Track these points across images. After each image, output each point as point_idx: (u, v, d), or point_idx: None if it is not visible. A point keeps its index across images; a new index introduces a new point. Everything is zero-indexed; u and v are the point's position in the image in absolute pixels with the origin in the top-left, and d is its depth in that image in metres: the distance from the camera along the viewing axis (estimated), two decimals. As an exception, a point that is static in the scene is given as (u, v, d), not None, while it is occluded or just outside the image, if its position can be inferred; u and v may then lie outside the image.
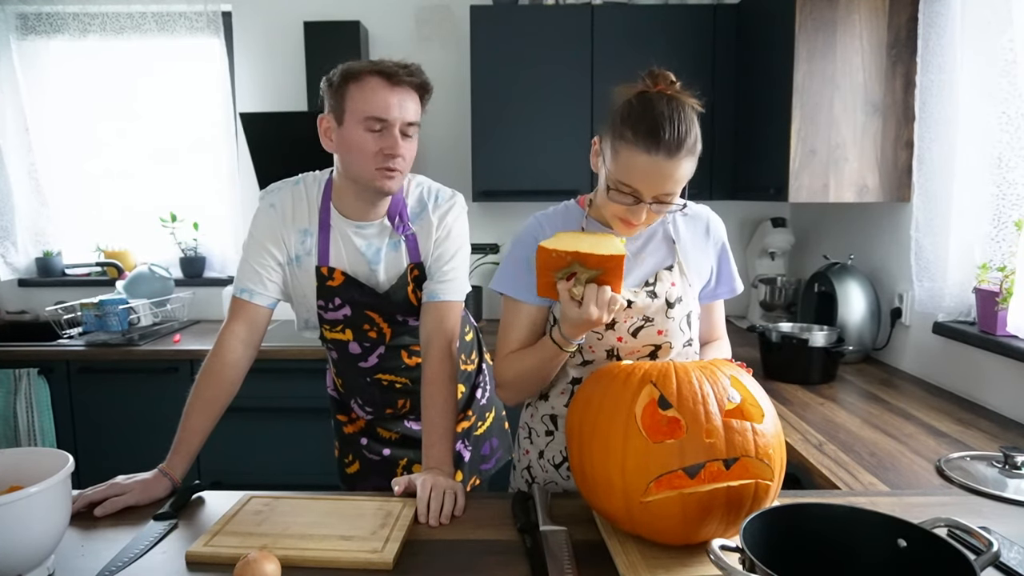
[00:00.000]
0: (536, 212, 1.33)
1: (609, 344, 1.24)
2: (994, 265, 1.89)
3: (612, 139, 1.13)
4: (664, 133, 1.07)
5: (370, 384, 1.56)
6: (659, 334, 1.24)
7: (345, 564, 0.99)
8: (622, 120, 1.11)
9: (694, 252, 1.30)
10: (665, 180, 1.10)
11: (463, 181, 2.98)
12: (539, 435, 1.39)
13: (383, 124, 1.29)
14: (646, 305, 1.23)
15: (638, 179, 1.10)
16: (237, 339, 1.41)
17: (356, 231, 1.42)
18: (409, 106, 1.31)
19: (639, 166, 1.09)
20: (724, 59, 2.81)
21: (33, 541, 0.92)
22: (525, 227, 1.30)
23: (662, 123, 1.07)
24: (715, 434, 0.95)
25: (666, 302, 1.24)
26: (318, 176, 1.46)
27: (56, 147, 3.30)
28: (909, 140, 2.22)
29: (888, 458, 1.50)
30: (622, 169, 1.11)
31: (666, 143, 1.07)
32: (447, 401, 1.36)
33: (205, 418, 1.34)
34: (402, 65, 1.31)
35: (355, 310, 1.46)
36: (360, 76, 1.29)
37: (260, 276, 1.42)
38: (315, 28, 2.95)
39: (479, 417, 1.69)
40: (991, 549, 0.82)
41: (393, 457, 1.63)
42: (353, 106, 1.29)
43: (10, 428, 2.69)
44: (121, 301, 2.83)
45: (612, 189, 1.14)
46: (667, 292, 1.24)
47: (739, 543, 0.79)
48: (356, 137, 1.30)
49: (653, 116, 1.08)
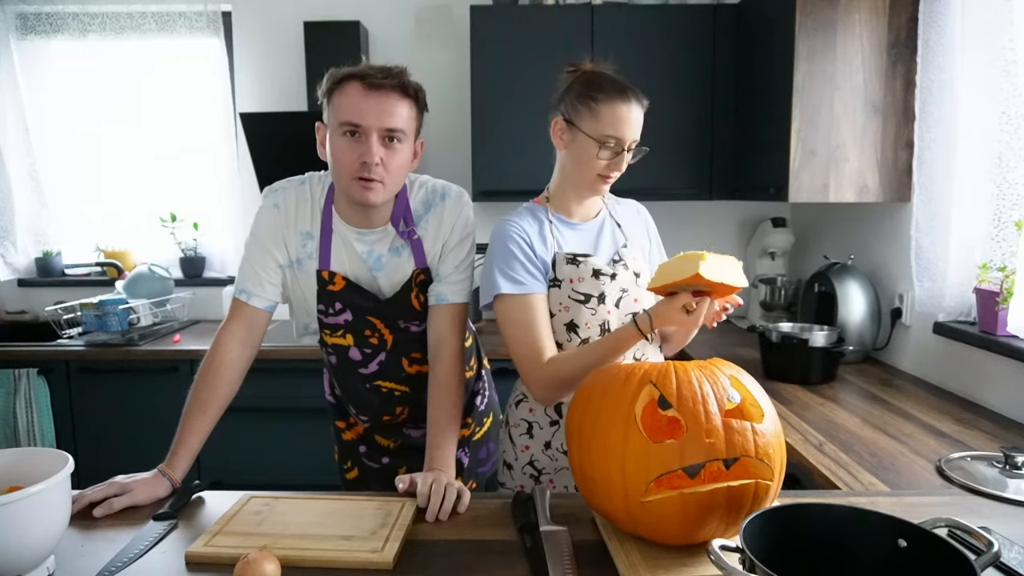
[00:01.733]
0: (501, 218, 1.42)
1: (601, 319, 1.38)
2: (994, 265, 1.89)
3: (583, 107, 1.32)
4: (628, 87, 1.32)
5: (369, 391, 1.52)
6: (635, 302, 1.41)
7: (345, 564, 0.99)
8: (588, 88, 1.32)
9: (637, 232, 1.50)
10: (637, 125, 1.33)
11: (463, 181, 2.94)
12: (542, 427, 1.43)
13: (358, 130, 1.24)
14: (624, 277, 1.40)
15: (622, 126, 1.30)
16: (235, 338, 1.40)
17: (358, 237, 1.39)
18: (390, 110, 1.25)
19: (621, 114, 1.30)
20: (724, 59, 2.81)
21: (33, 541, 0.91)
22: (500, 230, 1.38)
23: (622, 81, 1.32)
24: (715, 434, 0.95)
25: (634, 273, 1.42)
26: (324, 177, 1.43)
27: (56, 147, 3.30)
28: (909, 140, 2.22)
29: (888, 458, 1.50)
30: (605, 123, 1.30)
31: (633, 92, 1.31)
32: (456, 405, 1.36)
33: (203, 418, 1.33)
34: (381, 68, 1.26)
35: (356, 315, 1.43)
36: (340, 82, 1.26)
37: (259, 278, 1.41)
38: (315, 28, 2.95)
39: (477, 423, 1.67)
40: (991, 549, 0.82)
41: (392, 466, 1.61)
42: (334, 113, 1.27)
43: (10, 428, 2.69)
44: (121, 301, 2.83)
45: (600, 146, 1.31)
46: (632, 265, 1.43)
47: (739, 543, 0.79)
48: (334, 144, 1.27)
49: (612, 78, 1.33)
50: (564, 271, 1.37)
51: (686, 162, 2.86)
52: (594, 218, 1.46)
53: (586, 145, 1.32)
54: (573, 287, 1.36)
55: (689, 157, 2.86)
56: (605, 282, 1.37)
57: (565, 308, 1.37)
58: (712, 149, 2.88)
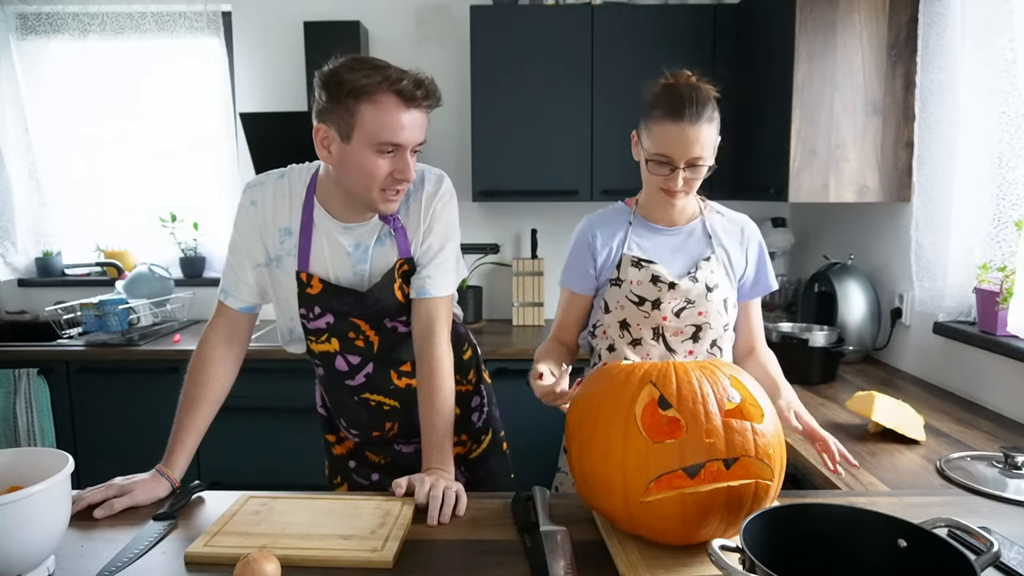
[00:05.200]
0: (588, 214, 1.53)
1: (655, 323, 1.42)
2: (994, 265, 1.89)
3: (645, 122, 1.37)
4: (685, 106, 1.31)
5: (357, 404, 1.48)
6: (700, 315, 1.42)
7: (345, 563, 0.99)
8: (652, 105, 1.35)
9: (730, 248, 1.48)
10: (691, 144, 1.31)
11: (463, 181, 2.97)
12: None
13: (396, 148, 1.21)
14: (688, 289, 1.41)
15: (670, 146, 1.32)
16: (219, 336, 1.39)
17: (344, 231, 1.35)
18: (423, 125, 1.24)
19: (669, 135, 1.31)
20: (724, 59, 2.80)
21: (33, 541, 0.91)
22: (578, 228, 1.51)
23: (683, 99, 1.31)
24: (715, 434, 0.95)
25: (706, 287, 1.42)
26: (304, 169, 1.38)
27: (56, 147, 3.30)
28: (909, 140, 2.22)
29: (888, 458, 1.50)
30: (656, 141, 1.33)
31: (688, 113, 1.30)
32: (446, 399, 1.33)
33: (195, 415, 1.33)
34: (418, 83, 1.20)
35: (337, 318, 1.39)
36: (374, 95, 1.18)
37: (237, 279, 1.39)
38: (315, 28, 2.95)
39: (474, 440, 1.62)
40: (991, 549, 0.82)
41: (382, 483, 1.56)
42: (365, 127, 1.19)
43: (10, 428, 2.69)
44: (121, 301, 2.83)
45: (650, 162, 1.35)
46: (706, 278, 1.42)
47: (739, 543, 0.79)
48: (365, 160, 1.21)
49: (676, 95, 1.32)
50: (628, 272, 1.43)
51: (686, 162, 2.86)
52: (684, 224, 1.47)
53: (643, 159, 1.39)
54: (632, 288, 1.42)
55: (689, 157, 2.86)
56: (663, 289, 1.40)
57: (621, 306, 1.44)
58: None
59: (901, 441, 1.59)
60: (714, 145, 1.36)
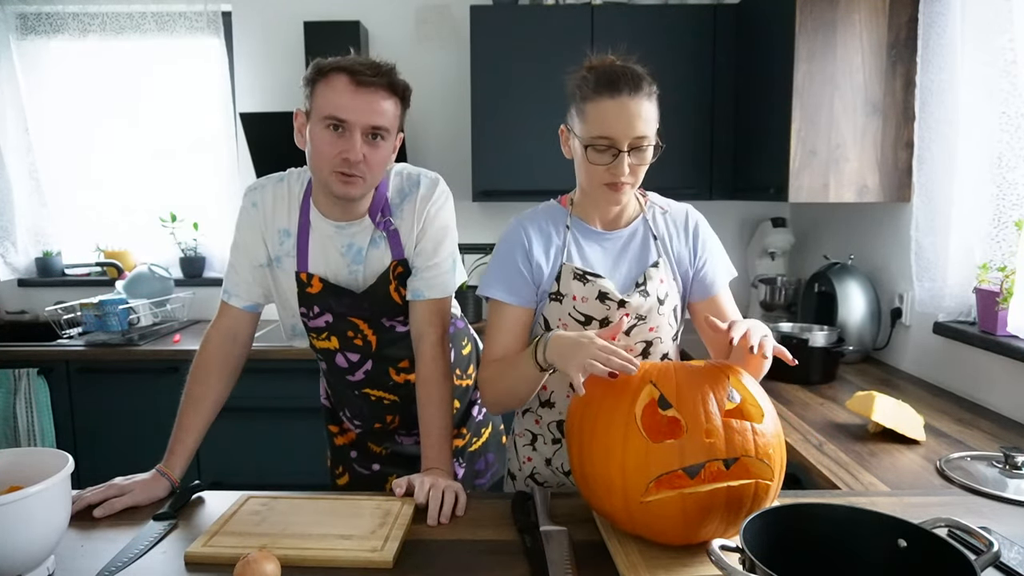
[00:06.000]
0: (517, 215, 1.35)
1: None
2: (994, 265, 1.89)
3: (578, 107, 1.20)
4: (620, 77, 1.15)
5: (358, 398, 1.51)
6: (651, 331, 1.27)
7: (345, 563, 0.99)
8: (581, 86, 1.19)
9: (677, 247, 1.32)
10: (633, 119, 1.15)
11: (463, 181, 2.97)
12: (546, 442, 1.37)
13: (343, 125, 1.22)
14: (639, 304, 1.25)
15: (610, 125, 1.15)
16: (221, 336, 1.40)
17: (337, 231, 1.36)
18: (377, 108, 1.23)
19: (608, 112, 1.15)
20: (724, 59, 2.81)
21: (33, 541, 0.91)
22: (507, 230, 1.32)
23: (617, 74, 1.16)
24: (715, 434, 0.95)
25: (658, 299, 1.27)
26: (303, 172, 1.40)
27: (56, 147, 3.30)
28: (909, 140, 2.22)
29: (888, 458, 1.50)
30: (593, 123, 1.16)
31: (625, 83, 1.15)
32: (443, 399, 1.34)
33: (196, 416, 1.34)
34: (371, 64, 1.23)
35: (336, 317, 1.41)
36: (327, 73, 1.23)
37: (239, 279, 1.41)
38: (315, 28, 2.95)
39: (474, 434, 1.64)
40: (991, 549, 0.82)
41: (383, 473, 1.59)
42: (317, 103, 1.24)
43: (10, 428, 2.69)
44: (121, 301, 2.83)
45: (589, 149, 1.18)
46: (657, 290, 1.27)
47: (739, 543, 0.79)
48: (315, 136, 1.24)
49: (608, 71, 1.17)
50: (569, 286, 1.25)
51: (686, 162, 2.86)
52: (624, 227, 1.31)
53: (579, 151, 1.21)
54: (575, 305, 1.24)
55: (689, 157, 2.86)
56: (611, 307, 1.24)
57: (564, 325, 1.25)
58: (712, 149, 2.88)
59: (901, 441, 1.59)
60: (655, 126, 1.19)
